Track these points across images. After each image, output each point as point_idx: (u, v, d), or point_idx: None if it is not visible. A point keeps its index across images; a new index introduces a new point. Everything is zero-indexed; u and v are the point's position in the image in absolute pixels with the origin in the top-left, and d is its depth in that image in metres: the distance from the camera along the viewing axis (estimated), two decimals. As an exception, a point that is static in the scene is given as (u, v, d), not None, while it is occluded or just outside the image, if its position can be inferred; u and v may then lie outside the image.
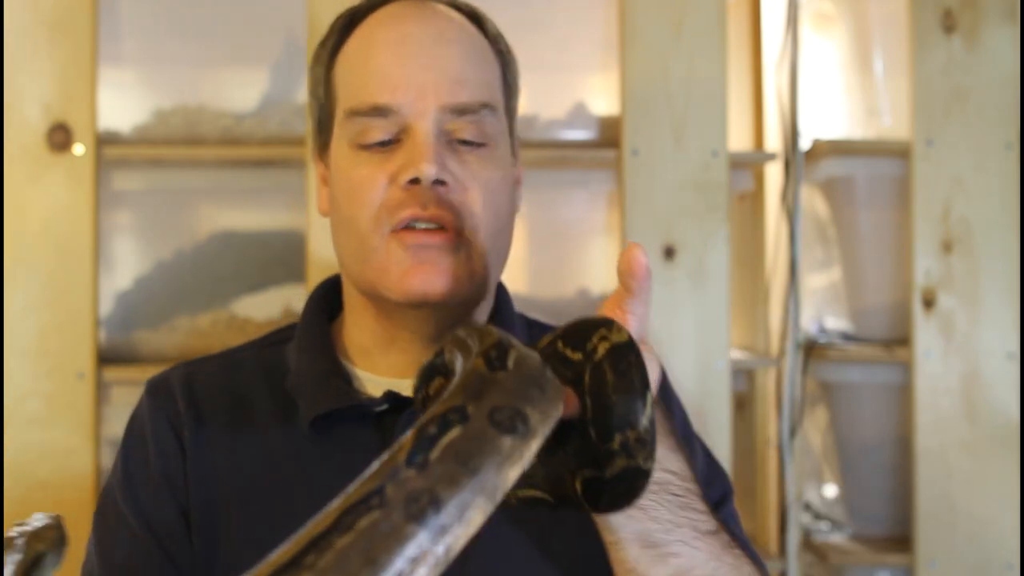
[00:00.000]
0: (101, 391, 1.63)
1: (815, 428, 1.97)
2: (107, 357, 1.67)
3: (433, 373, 0.71)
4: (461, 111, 0.88)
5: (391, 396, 0.88)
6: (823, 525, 1.92)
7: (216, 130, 1.71)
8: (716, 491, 0.92)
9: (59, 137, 1.62)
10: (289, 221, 1.75)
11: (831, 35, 1.99)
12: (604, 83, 1.77)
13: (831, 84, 1.99)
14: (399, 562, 0.48)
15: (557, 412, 0.60)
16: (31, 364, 1.60)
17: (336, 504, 0.50)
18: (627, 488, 0.65)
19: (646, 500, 0.72)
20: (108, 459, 1.65)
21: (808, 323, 1.93)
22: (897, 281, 1.84)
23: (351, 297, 0.95)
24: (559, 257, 1.82)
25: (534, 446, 0.56)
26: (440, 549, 0.49)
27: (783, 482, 1.85)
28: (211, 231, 1.76)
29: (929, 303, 1.76)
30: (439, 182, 0.85)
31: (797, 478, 1.87)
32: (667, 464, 0.74)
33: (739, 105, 1.95)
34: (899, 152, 1.80)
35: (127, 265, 1.74)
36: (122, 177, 1.73)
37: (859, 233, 1.88)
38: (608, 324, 0.67)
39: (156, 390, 0.95)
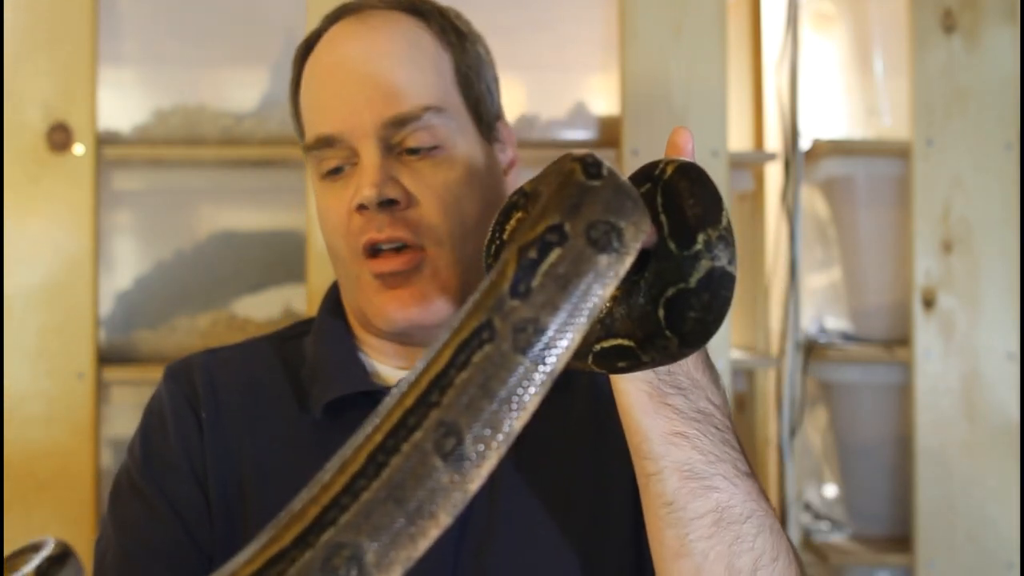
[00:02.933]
0: (101, 391, 1.63)
1: (815, 428, 1.97)
2: (107, 357, 1.67)
3: (511, 211, 0.70)
4: (402, 122, 0.87)
5: None
6: (823, 525, 1.92)
7: (216, 130, 1.71)
8: None
9: (59, 137, 1.62)
10: (289, 221, 1.75)
11: (831, 35, 1.99)
12: (604, 83, 1.77)
13: (831, 84, 1.99)
14: (515, 390, 0.53)
15: (648, 226, 0.60)
16: (31, 364, 1.60)
17: (449, 339, 0.55)
18: (712, 297, 0.62)
19: (690, 428, 0.71)
20: (108, 459, 1.65)
21: (808, 323, 1.93)
22: (897, 281, 1.84)
23: (350, 314, 0.97)
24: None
25: (628, 261, 0.58)
26: (547, 372, 0.54)
27: (783, 482, 1.85)
28: (211, 231, 1.76)
29: (929, 303, 1.76)
30: (388, 202, 0.86)
31: (797, 478, 1.87)
32: (711, 396, 0.73)
33: (739, 105, 1.95)
34: (899, 152, 1.80)
35: (127, 265, 1.74)
36: (122, 177, 1.73)
37: (859, 233, 1.88)
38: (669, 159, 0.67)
39: (175, 374, 0.96)
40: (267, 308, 1.74)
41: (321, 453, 0.90)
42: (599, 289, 0.56)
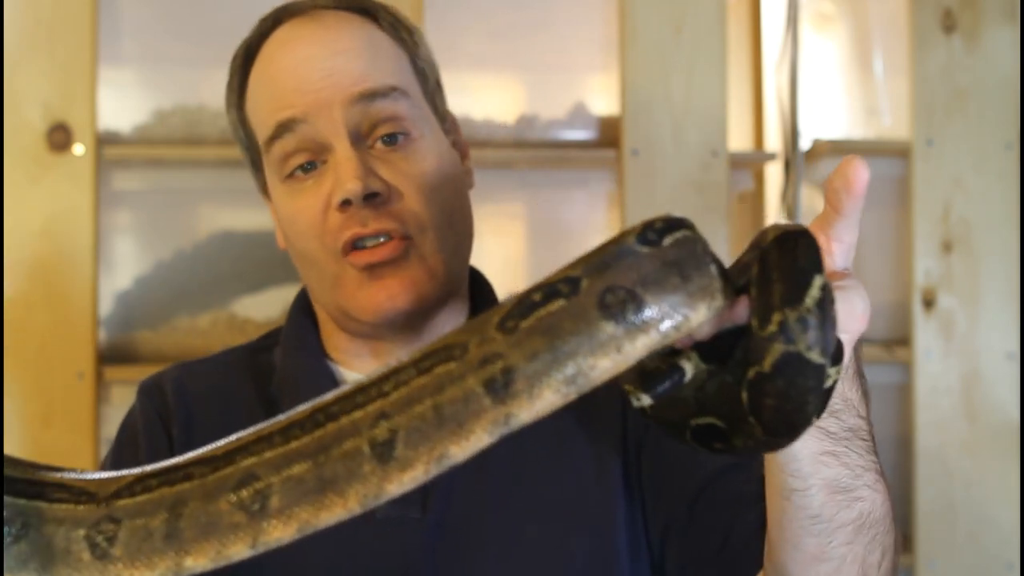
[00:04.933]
0: (101, 391, 1.63)
1: (815, 428, 1.97)
2: (107, 357, 1.67)
3: None
4: (371, 96, 0.86)
5: None
6: (823, 525, 1.91)
7: (216, 130, 1.71)
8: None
9: (59, 137, 1.62)
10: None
11: (831, 35, 1.99)
12: (604, 83, 1.77)
13: (831, 84, 1.98)
14: (461, 415, 0.52)
15: (694, 310, 0.54)
16: (31, 364, 1.60)
17: (429, 344, 0.54)
18: (788, 385, 0.55)
19: (839, 447, 0.69)
20: (108, 459, 1.65)
21: (808, 323, 1.93)
22: (897, 281, 1.84)
23: (323, 319, 0.95)
24: (559, 257, 1.80)
25: (643, 341, 0.53)
26: (502, 415, 0.52)
27: (783, 482, 1.85)
28: (211, 231, 1.76)
29: (929, 303, 1.76)
30: (372, 195, 0.84)
31: (797, 478, 1.86)
32: (860, 411, 0.71)
33: (739, 105, 1.95)
34: (899, 152, 1.80)
35: (127, 265, 1.74)
36: (122, 177, 1.73)
37: (859, 233, 1.87)
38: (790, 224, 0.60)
39: (148, 390, 0.95)
40: (267, 308, 1.74)
41: None
42: (591, 357, 0.52)
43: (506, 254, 1.78)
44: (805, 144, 1.86)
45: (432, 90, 0.93)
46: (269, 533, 0.54)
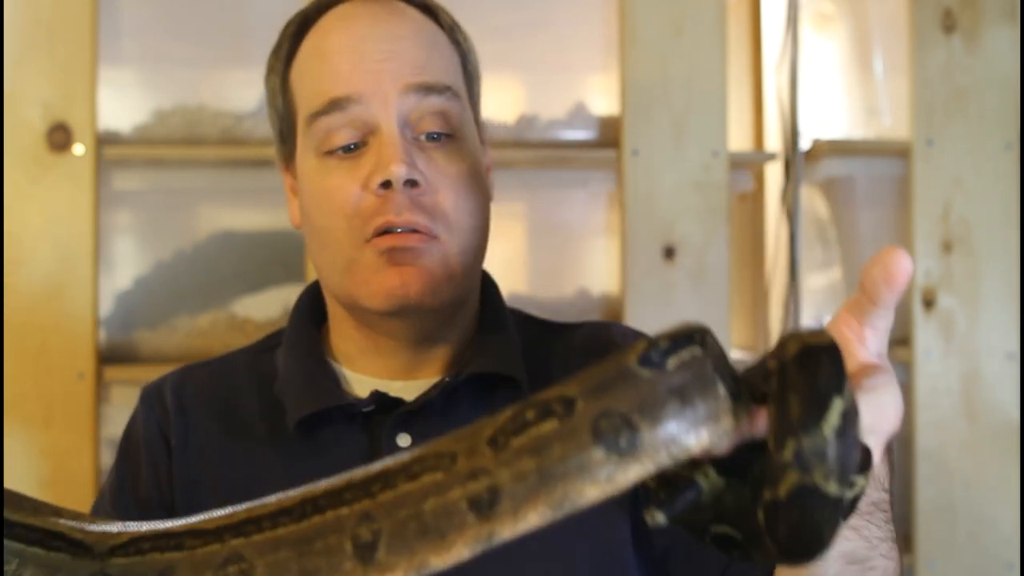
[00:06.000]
0: (101, 391, 1.63)
1: (815, 428, 1.97)
2: (107, 357, 1.67)
3: None
4: (427, 89, 0.86)
5: (377, 396, 0.87)
6: (823, 525, 1.91)
7: (216, 130, 1.71)
8: None
9: (59, 137, 1.62)
10: (289, 221, 1.75)
11: (831, 35, 1.99)
12: (604, 83, 1.77)
13: (831, 84, 1.99)
14: (444, 527, 0.51)
15: (696, 438, 0.52)
16: (31, 364, 1.60)
17: (420, 449, 0.53)
18: (803, 516, 0.51)
19: (861, 520, 0.68)
20: (108, 459, 1.65)
21: (808, 323, 1.93)
22: (897, 281, 1.84)
23: (332, 307, 0.94)
24: (559, 257, 1.82)
25: (635, 470, 0.50)
26: (485, 532, 0.51)
27: (783, 482, 1.85)
28: (211, 231, 1.76)
29: (929, 303, 1.76)
30: (411, 183, 0.84)
31: (797, 478, 1.86)
32: (885, 484, 0.70)
33: (739, 105, 1.95)
34: (899, 152, 1.80)
35: (127, 265, 1.74)
36: (122, 177, 1.73)
37: (859, 233, 1.88)
38: (813, 330, 0.56)
39: (148, 396, 0.95)
40: (267, 308, 1.74)
41: (295, 469, 0.87)
42: (579, 484, 0.50)
43: (506, 254, 1.78)
44: (805, 144, 1.86)
45: (475, 96, 0.94)
46: None
